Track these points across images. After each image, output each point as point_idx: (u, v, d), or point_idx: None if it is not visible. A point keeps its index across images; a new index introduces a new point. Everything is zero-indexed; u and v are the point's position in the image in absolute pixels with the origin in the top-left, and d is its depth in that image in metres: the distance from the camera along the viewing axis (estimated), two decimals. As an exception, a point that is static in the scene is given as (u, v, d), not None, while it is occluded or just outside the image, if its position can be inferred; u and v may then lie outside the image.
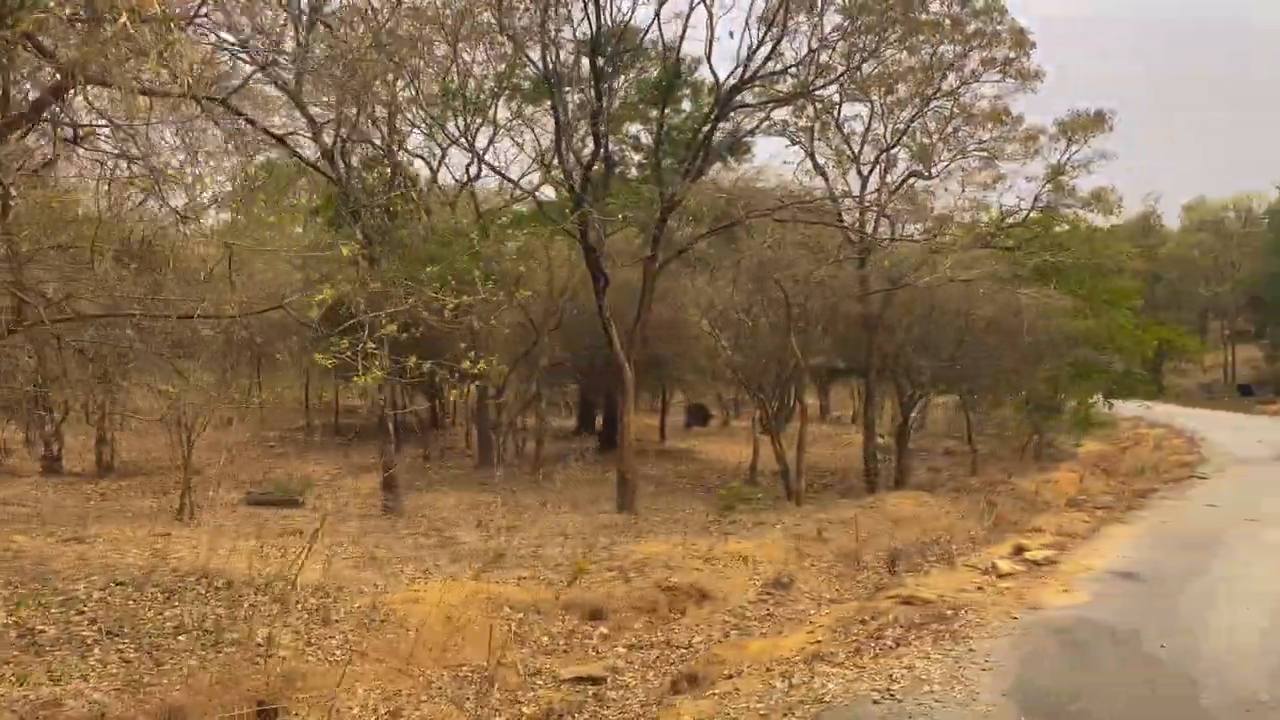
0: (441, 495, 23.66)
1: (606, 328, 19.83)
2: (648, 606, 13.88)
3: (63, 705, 8.74)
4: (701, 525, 19.22)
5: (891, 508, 21.05)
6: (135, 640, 10.66)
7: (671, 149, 21.34)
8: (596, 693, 11.04)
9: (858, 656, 9.70)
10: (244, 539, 16.66)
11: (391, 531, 18.62)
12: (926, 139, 23.71)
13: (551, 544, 17.21)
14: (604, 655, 12.43)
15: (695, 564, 15.63)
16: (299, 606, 12.23)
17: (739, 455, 31.16)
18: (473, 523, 19.86)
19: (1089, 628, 10.82)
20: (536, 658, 12.21)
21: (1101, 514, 19.07)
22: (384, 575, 14.19)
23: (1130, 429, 42.99)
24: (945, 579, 13.18)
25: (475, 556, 16.19)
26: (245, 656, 10.39)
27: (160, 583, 12.92)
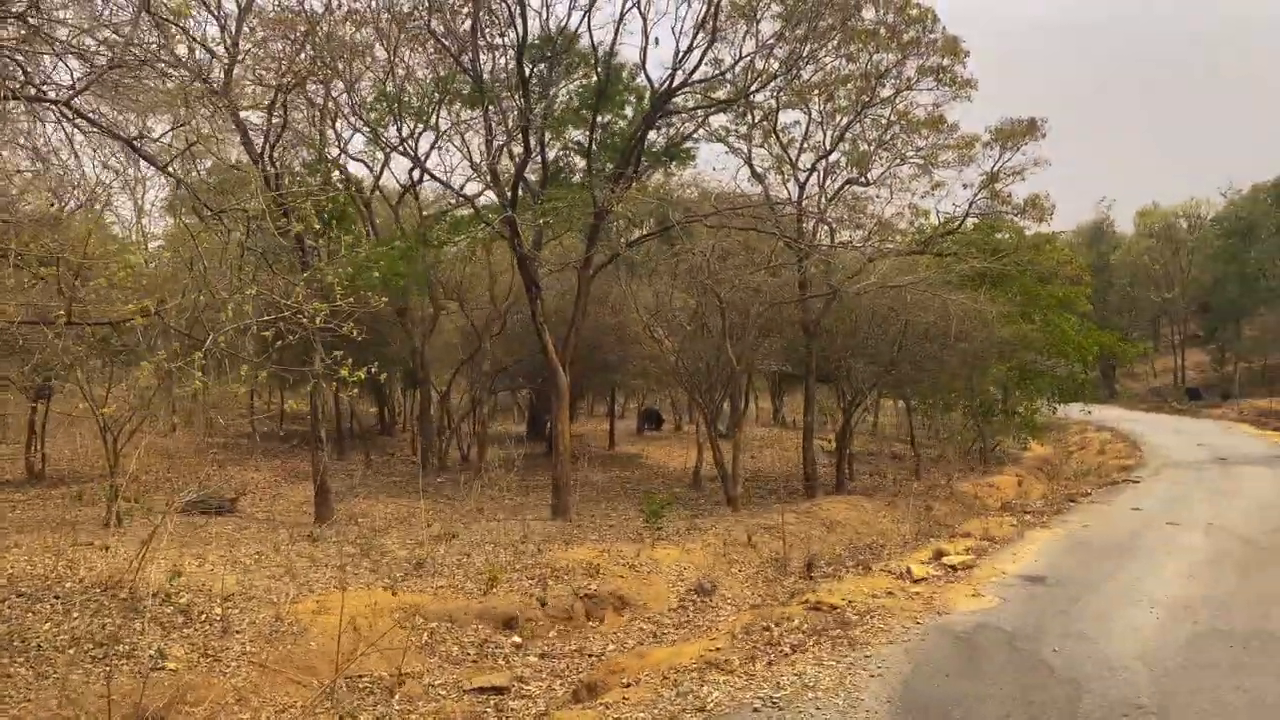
0: (378, 502, 23.45)
1: (540, 333, 19.75)
2: (564, 615, 13.81)
3: (-71, 722, 8.55)
4: (635, 531, 19.15)
5: (825, 512, 21.11)
6: (23, 653, 10.46)
7: (609, 155, 21.27)
8: (498, 703, 10.96)
9: (751, 664, 9.69)
10: (168, 548, 16.46)
11: (319, 540, 18.39)
12: (865, 146, 23.84)
13: (479, 552, 17.06)
14: (514, 665, 12.35)
15: (619, 571, 15.57)
16: (201, 617, 12.06)
17: (687, 460, 31.17)
18: (403, 531, 19.66)
19: (989, 633, 10.88)
20: (444, 668, 12.11)
21: (1030, 518, 19.22)
22: (298, 585, 14.00)
23: (1078, 433, 43.56)
24: (858, 584, 13.19)
25: (398, 565, 16.02)
26: (135, 670, 10.22)
27: (63, 594, 12.69)
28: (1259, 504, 20.44)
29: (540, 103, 19.97)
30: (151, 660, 10.48)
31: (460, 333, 28.91)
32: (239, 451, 30.95)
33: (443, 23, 19.90)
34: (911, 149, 23.84)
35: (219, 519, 20.64)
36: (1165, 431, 40.61)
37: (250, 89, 19.76)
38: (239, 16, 17.82)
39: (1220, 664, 9.58)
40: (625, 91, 23.75)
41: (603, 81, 19.66)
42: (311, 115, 22.96)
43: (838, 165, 24.46)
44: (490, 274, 25.94)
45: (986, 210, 23.51)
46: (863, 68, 22.84)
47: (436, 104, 25.08)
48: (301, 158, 26.18)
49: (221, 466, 27.94)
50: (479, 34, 19.41)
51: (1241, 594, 12.56)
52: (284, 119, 18.86)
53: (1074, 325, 30.06)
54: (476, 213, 21.99)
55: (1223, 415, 48.07)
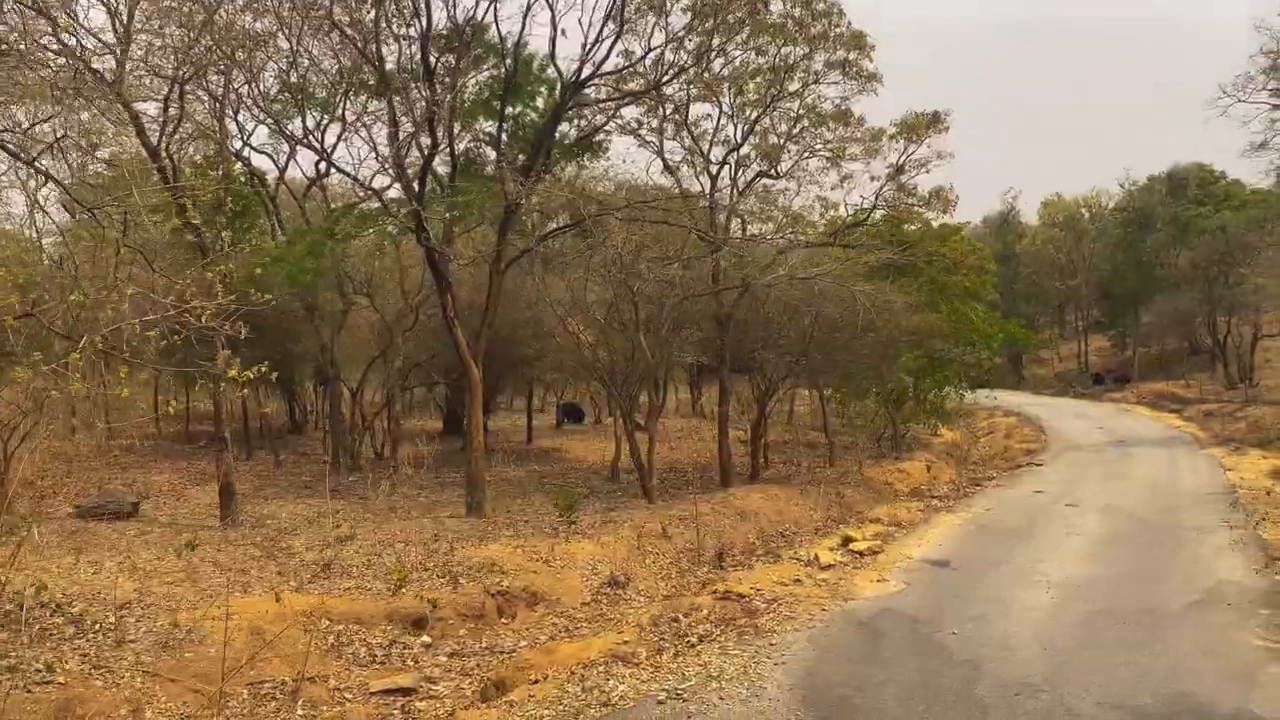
0: (287, 503, 22.91)
1: (451, 328, 19.51)
2: (475, 612, 13.67)
3: None
4: (550, 526, 19.07)
5: (740, 502, 21.32)
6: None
7: (519, 147, 21.08)
8: (405, 705, 10.79)
9: (658, 656, 9.73)
10: (62, 555, 15.84)
11: (223, 543, 17.88)
12: (775, 139, 24.09)
13: (389, 552, 16.79)
14: (422, 665, 12.19)
15: (532, 566, 15.49)
16: (94, 627, 11.63)
17: (605, 453, 31.16)
18: (311, 532, 19.24)
19: (891, 617, 11.11)
20: (351, 670, 11.88)
21: (936, 503, 19.69)
22: (198, 590, 13.60)
23: (986, 418, 44.80)
24: (768, 573, 13.35)
25: (305, 568, 15.68)
26: (21, 684, 9.79)
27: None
28: (1152, 485, 21.30)
29: (447, 94, 19.68)
30: (38, 674, 10.06)
31: (372, 328, 28.39)
32: (142, 454, 29.93)
33: (347, 12, 19.47)
34: (820, 142, 24.20)
35: (119, 524, 19.93)
36: (1068, 416, 42.01)
37: (145, 80, 19.10)
38: (131, 4, 17.18)
39: (1110, 641, 9.94)
40: (536, 83, 23.57)
41: (511, 73, 19.46)
42: (211, 107, 22.27)
43: (748, 158, 24.69)
44: (401, 268, 25.52)
45: (893, 202, 23.97)
46: (771, 61, 23.08)
47: (342, 95, 24.57)
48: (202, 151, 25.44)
49: (123, 470, 26.99)
50: (383, 23, 19.04)
51: (1134, 573, 13.06)
52: (181, 111, 18.25)
53: (980, 314, 30.90)
54: (384, 206, 21.60)
55: (1123, 399, 49.94)
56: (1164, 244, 54.14)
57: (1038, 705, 8.14)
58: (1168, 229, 54.42)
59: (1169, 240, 53.93)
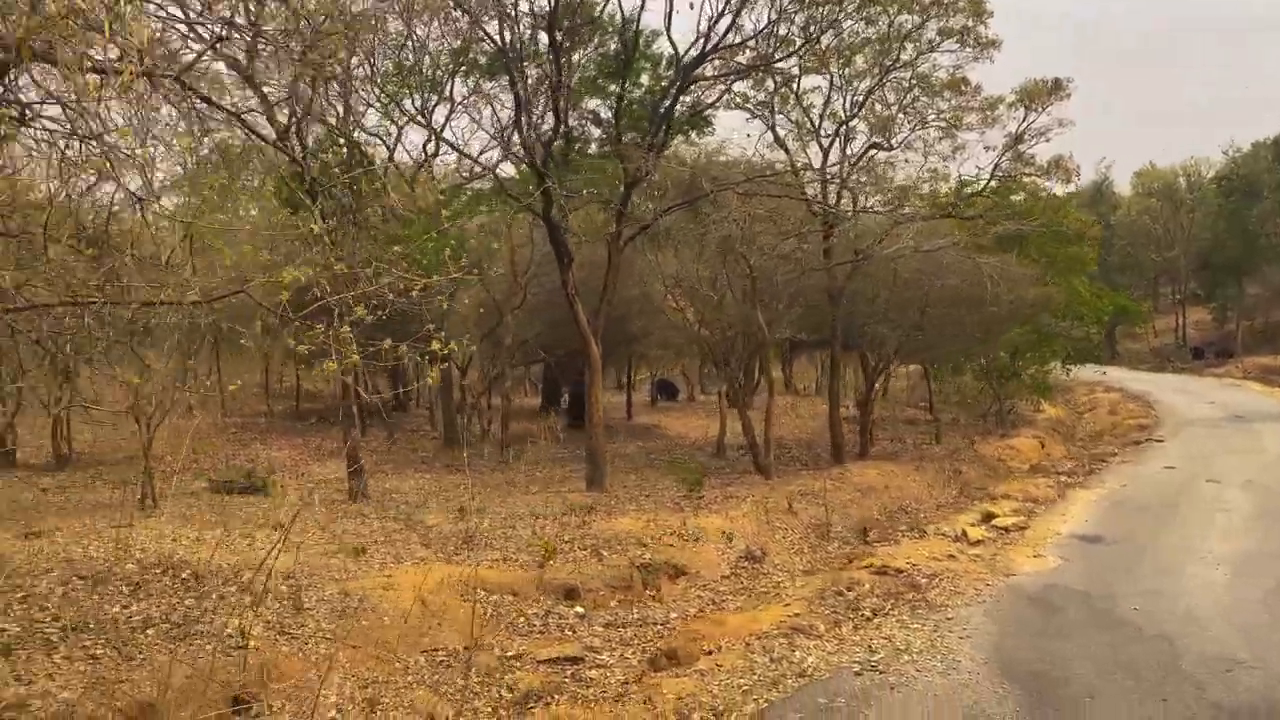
0: (408, 478, 23.41)
1: (572, 305, 19.66)
2: (622, 584, 13.85)
3: (28, 706, 8.51)
4: (672, 501, 19.19)
5: (857, 478, 21.22)
6: (102, 636, 10.43)
7: (632, 123, 21.10)
8: (574, 673, 10.98)
9: (837, 628, 9.75)
10: (209, 528, 16.44)
11: (359, 516, 18.37)
12: (886, 110, 23.70)
13: (522, 524, 17.08)
14: (580, 635, 12.39)
15: (668, 540, 15.62)
16: (270, 596, 12.05)
17: (705, 430, 31.22)
18: (440, 505, 19.65)
19: (1061, 593, 10.96)
20: (513, 640, 12.13)
21: (1065, 479, 19.34)
22: (355, 561, 14.00)
23: (1087, 394, 43.76)
24: (917, 548, 13.27)
25: (445, 540, 16.03)
26: (217, 649, 10.21)
27: (125, 576, 12.65)
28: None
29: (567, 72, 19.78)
30: (230, 638, 10.47)
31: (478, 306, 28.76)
32: (256, 431, 30.85)
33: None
34: (933, 112, 23.71)
35: (251, 497, 20.57)
36: (1171, 390, 40.81)
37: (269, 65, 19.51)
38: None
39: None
40: (643, 59, 23.55)
41: (630, 49, 19.46)
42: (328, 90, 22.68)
43: (857, 130, 24.36)
44: (511, 246, 25.78)
45: (1010, 172, 23.44)
46: (881, 30, 22.67)
47: (451, 75, 24.84)
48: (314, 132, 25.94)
49: (244, 446, 27.86)
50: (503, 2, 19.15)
51: (1300, 548, 12.69)
52: (313, 94, 18.64)
53: (1087, 287, 30.14)
54: (500, 184, 21.82)
55: (1226, 373, 48.34)
56: (1270, 212, 52.08)
57: (1253, 681, 7.97)
58: (1275, 196, 52.34)
59: (1276, 208, 51.88)
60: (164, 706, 8.92)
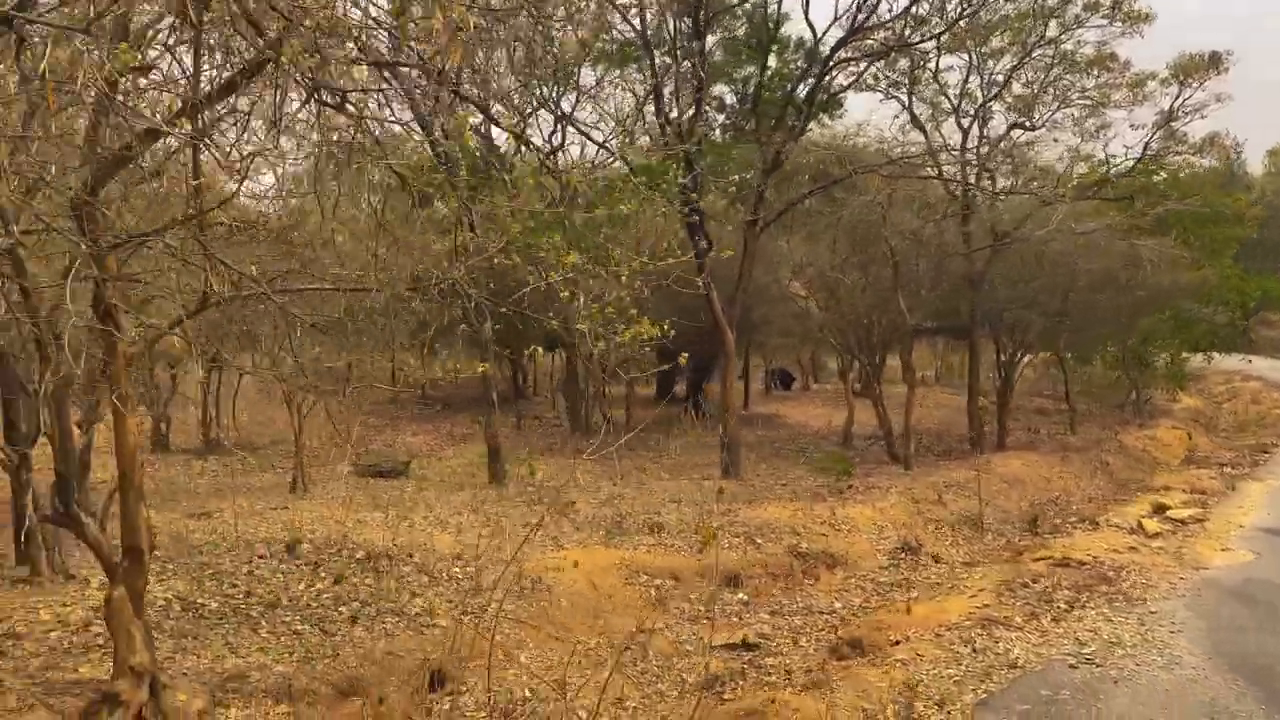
0: (540, 463, 23.64)
1: (708, 293, 19.56)
2: (782, 572, 13.76)
3: (248, 678, 8.85)
4: (809, 490, 19.00)
5: (1001, 469, 20.66)
6: (296, 612, 10.80)
7: (769, 107, 20.87)
8: (752, 659, 10.95)
9: (1035, 620, 9.46)
10: (363, 510, 16.91)
11: (505, 499, 18.68)
12: (1027, 89, 22.94)
13: (666, 510, 17.12)
14: (748, 621, 12.35)
15: (819, 529, 15.47)
16: (444, 576, 12.32)
17: (825, 419, 30.83)
18: (579, 490, 19.83)
19: (1262, 587, 10.46)
20: (681, 625, 12.16)
21: (1230, 471, 18.48)
22: (515, 543, 14.18)
23: (1223, 383, 41.77)
24: (1092, 540, 12.83)
25: (595, 524, 16.16)
26: (408, 627, 10.48)
27: (302, 555, 13.10)
28: None
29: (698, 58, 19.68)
30: (417, 617, 10.74)
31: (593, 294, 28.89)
32: (387, 417, 31.64)
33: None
34: (1076, 90, 22.86)
35: (395, 481, 21.09)
36: (1319, 380, 38.67)
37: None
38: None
39: None
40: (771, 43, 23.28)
41: (772, 31, 19.26)
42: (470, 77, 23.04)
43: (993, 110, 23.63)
44: (640, 234, 25.80)
45: (1161, 150, 22.45)
46: (1023, 7, 21.93)
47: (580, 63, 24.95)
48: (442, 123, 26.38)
49: (379, 432, 28.61)
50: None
51: None
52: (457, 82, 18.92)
53: (1234, 270, 28.73)
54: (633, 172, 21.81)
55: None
56: None
57: None
58: None
59: None
60: (369, 681, 9.19)
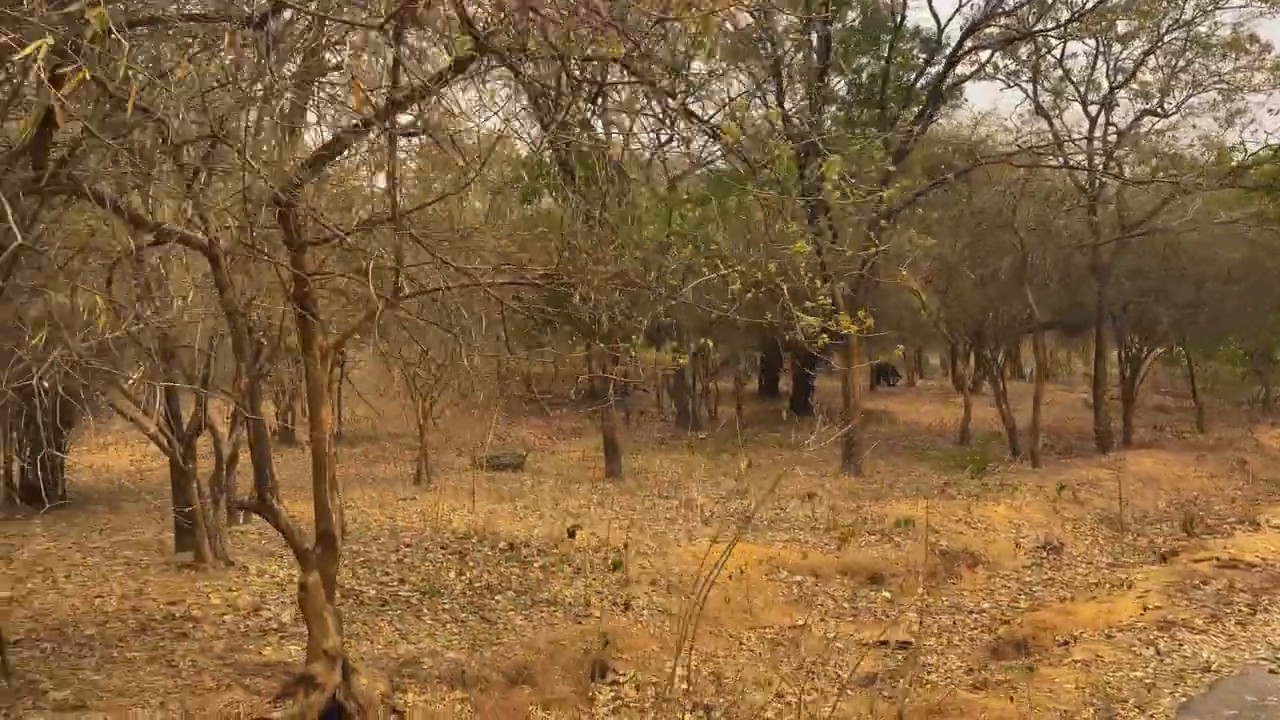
0: (652, 457, 23.72)
1: (831, 287, 19.31)
2: (924, 570, 13.50)
3: (421, 663, 9.04)
4: (935, 487, 18.65)
5: (1134, 467, 19.98)
6: (453, 600, 11.00)
7: (892, 98, 20.55)
8: (906, 657, 10.77)
9: (1219, 623, 9.11)
10: (493, 501, 17.18)
11: (626, 493, 18.76)
12: (1156, 74, 22.13)
13: (791, 506, 16.99)
14: (895, 619, 12.17)
15: (956, 527, 15.18)
16: (589, 567, 12.42)
17: (935, 415, 30.30)
18: (697, 485, 19.82)
19: None
20: (827, 621, 12.04)
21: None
22: (653, 535, 14.25)
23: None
24: (1257, 541, 12.33)
25: (724, 519, 16.11)
26: (565, 617, 10.59)
27: (446, 544, 13.35)
28: None
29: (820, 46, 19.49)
30: (572, 608, 10.86)
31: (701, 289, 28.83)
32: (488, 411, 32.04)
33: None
34: (1211, 75, 21.96)
35: (513, 474, 21.37)
36: None
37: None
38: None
39: None
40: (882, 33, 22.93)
41: (895, 22, 18.95)
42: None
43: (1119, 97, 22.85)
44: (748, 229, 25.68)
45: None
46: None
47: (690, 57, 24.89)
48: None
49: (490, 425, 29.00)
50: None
51: None
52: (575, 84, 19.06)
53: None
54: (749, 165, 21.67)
55: None
56: None
57: None
58: None
59: None
60: (536, 668, 9.32)
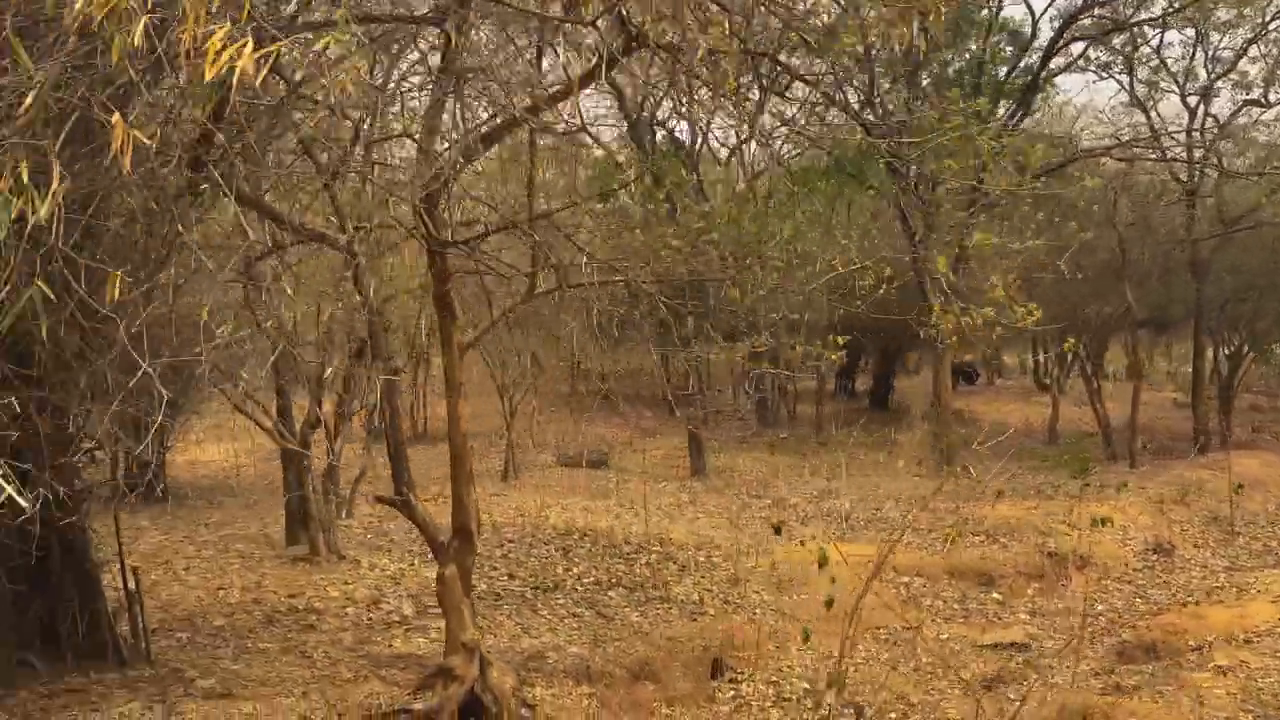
0: (735, 457, 23.60)
1: (922, 284, 19.07)
2: (1033, 572, 13.26)
3: (546, 657, 9.11)
4: (1033, 487, 18.28)
5: (1238, 468, 19.27)
6: (564, 595, 11.08)
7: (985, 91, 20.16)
8: (1026, 660, 10.58)
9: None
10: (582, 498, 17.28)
11: (714, 492, 18.73)
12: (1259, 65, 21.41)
13: (886, 506, 16.79)
14: (1007, 622, 11.95)
15: (1062, 529, 14.84)
16: (693, 565, 12.41)
17: (1019, 414, 29.68)
18: (784, 484, 19.70)
19: None
20: (939, 623, 11.87)
21: None
22: (750, 535, 14.19)
23: None
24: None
25: (815, 519, 16.00)
26: (680, 614, 10.59)
27: (548, 540, 13.46)
28: None
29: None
30: (684, 605, 10.85)
31: (785, 288, 28.62)
32: (570, 410, 32.21)
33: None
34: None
35: (598, 472, 21.42)
36: None
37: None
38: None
39: None
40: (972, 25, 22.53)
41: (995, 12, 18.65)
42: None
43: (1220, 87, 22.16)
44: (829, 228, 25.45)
45: None
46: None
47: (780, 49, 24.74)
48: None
49: (567, 423, 29.16)
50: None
51: None
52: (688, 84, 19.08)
53: None
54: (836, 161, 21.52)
55: None
56: None
57: None
58: None
59: None
60: (656, 664, 9.32)
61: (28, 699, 7.36)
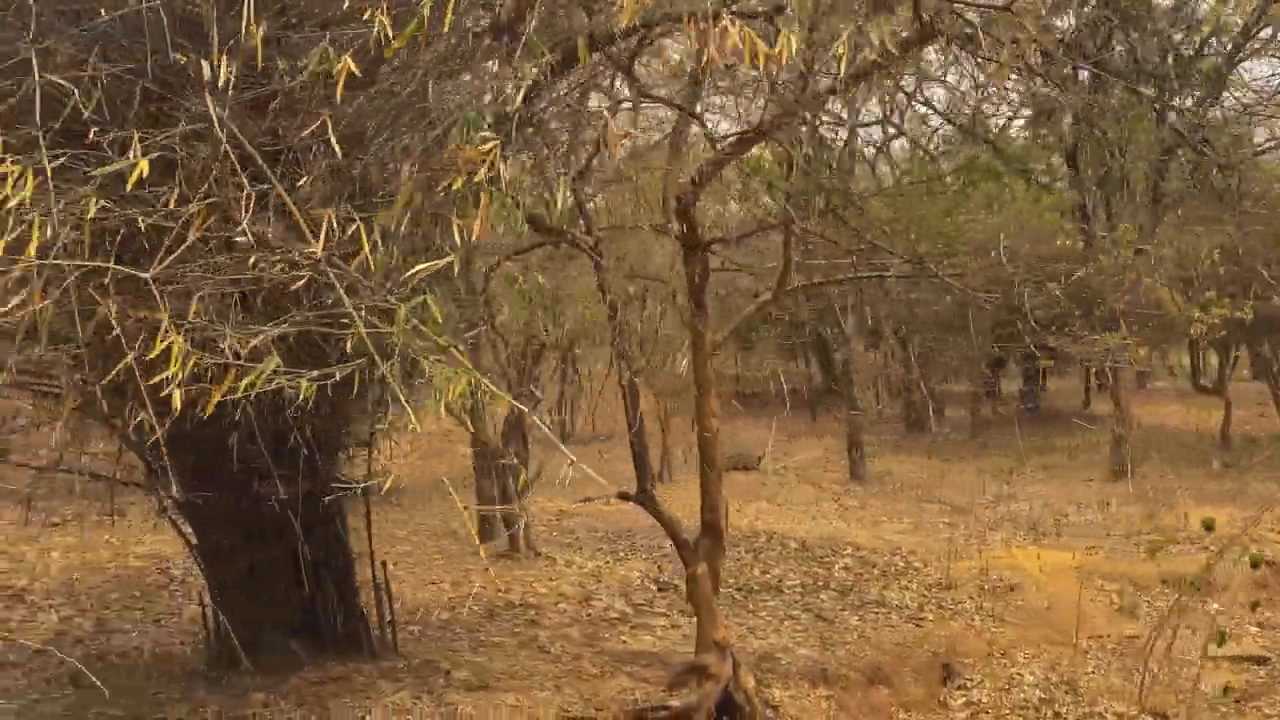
0: (891, 461, 23.10)
1: (1091, 280, 18.32)
2: (1256, 583, 12.55)
3: (777, 659, 9.01)
4: (1218, 493, 17.37)
5: None
6: (775, 597, 10.97)
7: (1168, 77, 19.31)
8: (1269, 673, 10.03)
9: None
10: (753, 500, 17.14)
11: (879, 497, 18.37)
12: None
13: (1072, 512, 16.19)
14: (1235, 634, 11.33)
15: (1272, 535, 14.03)
16: (891, 570, 12.15)
17: (1180, 418, 28.44)
18: (950, 487, 19.20)
19: None
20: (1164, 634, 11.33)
21: None
22: (940, 539, 13.83)
23: None
24: None
25: (1001, 524, 15.52)
26: (900, 619, 10.37)
27: (736, 542, 13.34)
28: None
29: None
30: (901, 611, 10.63)
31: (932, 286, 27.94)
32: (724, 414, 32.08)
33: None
34: None
35: (751, 475, 21.21)
36: None
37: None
38: None
39: None
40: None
41: None
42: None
43: None
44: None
45: None
46: None
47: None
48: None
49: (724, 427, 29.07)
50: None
51: None
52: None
53: None
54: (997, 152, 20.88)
55: None
56: None
57: None
58: None
59: None
60: (888, 668, 9.14)
61: (300, 686, 7.60)
